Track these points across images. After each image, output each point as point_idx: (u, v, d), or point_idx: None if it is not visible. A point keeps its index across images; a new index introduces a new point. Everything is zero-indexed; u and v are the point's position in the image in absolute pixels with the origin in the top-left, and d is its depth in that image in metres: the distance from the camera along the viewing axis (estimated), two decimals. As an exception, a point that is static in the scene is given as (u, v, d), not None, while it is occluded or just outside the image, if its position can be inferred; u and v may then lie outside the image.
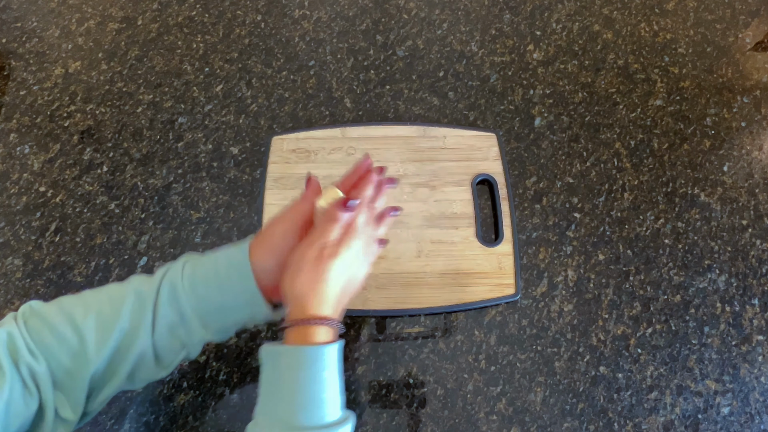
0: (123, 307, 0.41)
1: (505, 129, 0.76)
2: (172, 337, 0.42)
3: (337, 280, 0.42)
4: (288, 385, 0.39)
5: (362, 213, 0.45)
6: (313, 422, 0.39)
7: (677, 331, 0.64)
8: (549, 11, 0.86)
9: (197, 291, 0.42)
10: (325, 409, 0.39)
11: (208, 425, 0.58)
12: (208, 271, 0.43)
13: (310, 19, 0.85)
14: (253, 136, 0.75)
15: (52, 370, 0.38)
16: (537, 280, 0.66)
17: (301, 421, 0.38)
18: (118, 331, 0.40)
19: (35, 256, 0.67)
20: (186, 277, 0.43)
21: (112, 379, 0.41)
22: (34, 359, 0.37)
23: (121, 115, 0.77)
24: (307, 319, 0.40)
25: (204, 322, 0.43)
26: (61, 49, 0.82)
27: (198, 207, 0.70)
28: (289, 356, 0.40)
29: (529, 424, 0.59)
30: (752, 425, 0.60)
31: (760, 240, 0.69)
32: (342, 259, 0.42)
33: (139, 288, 0.42)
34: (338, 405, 0.41)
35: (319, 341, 0.40)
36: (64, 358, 0.39)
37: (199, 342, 0.44)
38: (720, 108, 0.78)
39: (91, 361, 0.39)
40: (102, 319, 0.40)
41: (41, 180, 0.72)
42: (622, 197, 0.71)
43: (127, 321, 0.41)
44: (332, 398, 0.40)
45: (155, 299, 0.42)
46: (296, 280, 0.41)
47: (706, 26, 0.84)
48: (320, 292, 0.41)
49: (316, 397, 0.39)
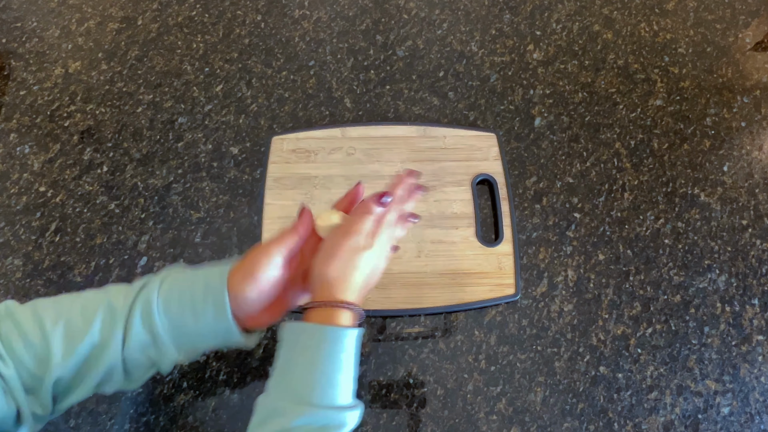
0: (94, 320, 0.40)
1: (505, 129, 0.76)
2: (143, 355, 0.42)
3: (365, 269, 0.44)
4: (305, 361, 0.40)
5: (393, 210, 0.47)
6: (325, 401, 0.39)
7: (677, 331, 0.64)
8: (549, 11, 0.86)
9: (171, 313, 0.42)
10: (337, 390, 0.40)
11: (208, 425, 0.58)
12: (183, 294, 0.42)
13: (310, 19, 0.85)
14: (253, 136, 0.75)
15: (20, 373, 0.38)
16: (537, 280, 0.66)
17: (312, 398, 0.39)
18: (87, 343, 0.40)
19: (35, 256, 0.67)
20: (162, 298, 0.42)
21: (79, 388, 0.41)
22: (4, 364, 0.37)
23: (121, 115, 0.77)
24: (335, 302, 0.42)
25: (177, 345, 0.42)
26: (61, 49, 0.82)
27: (198, 207, 0.70)
28: (311, 333, 0.41)
29: (529, 424, 0.59)
30: (752, 425, 0.60)
31: (760, 240, 0.69)
32: (373, 251, 0.44)
33: (113, 302, 0.42)
34: (350, 391, 0.41)
35: (342, 324, 0.41)
36: (29, 363, 0.39)
37: (171, 362, 0.43)
38: (720, 108, 0.78)
39: (55, 369, 0.39)
40: (71, 329, 0.40)
41: (41, 180, 0.72)
42: (622, 197, 0.71)
43: (97, 334, 0.40)
44: (346, 382, 0.41)
45: (127, 315, 0.41)
46: (330, 265, 0.43)
47: (706, 26, 0.84)
48: (350, 279, 0.43)
49: (331, 377, 0.40)
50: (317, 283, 0.43)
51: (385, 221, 0.46)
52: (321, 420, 0.38)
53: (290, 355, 0.41)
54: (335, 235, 0.45)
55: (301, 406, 0.39)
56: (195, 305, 0.42)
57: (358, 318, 0.44)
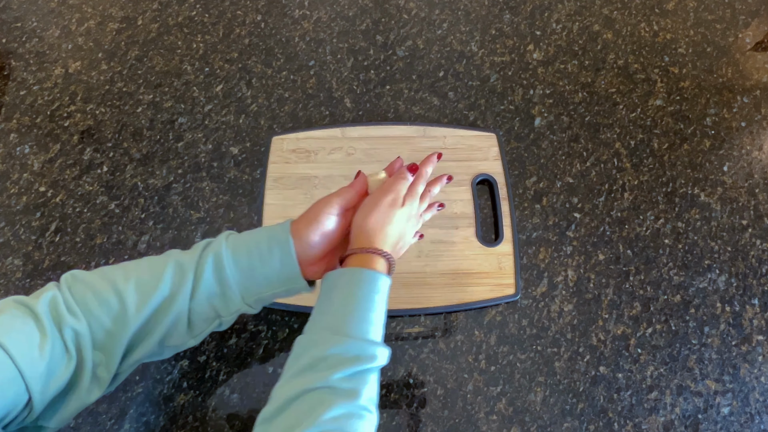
0: (164, 274, 0.43)
1: (505, 129, 0.76)
2: (209, 307, 0.45)
3: (398, 226, 0.49)
4: (342, 299, 0.44)
5: (421, 183, 0.52)
6: (359, 333, 0.42)
7: (677, 331, 0.64)
8: (549, 11, 0.86)
9: (240, 263, 0.45)
10: (371, 327, 0.43)
11: (208, 425, 0.58)
12: (249, 245, 0.46)
13: (310, 19, 0.85)
14: (253, 136, 0.75)
15: (93, 330, 0.41)
16: (537, 280, 0.66)
17: (348, 329, 0.42)
18: (158, 296, 0.43)
19: (35, 256, 0.67)
20: (230, 250, 0.45)
21: (145, 341, 0.43)
22: (76, 320, 0.40)
23: (121, 115, 0.77)
24: (372, 249, 0.46)
25: (243, 294, 0.46)
26: (61, 49, 0.82)
27: (198, 207, 0.70)
28: (349, 275, 0.45)
29: (529, 424, 0.59)
30: (752, 425, 0.60)
31: (760, 240, 0.69)
32: (405, 211, 0.50)
33: (179, 258, 0.45)
34: (380, 333, 0.44)
35: (378, 269, 0.46)
36: (105, 320, 0.41)
37: (235, 313, 0.47)
38: (720, 108, 0.78)
39: (131, 324, 0.42)
40: (142, 285, 0.43)
41: (41, 180, 0.72)
42: (622, 197, 0.71)
43: (167, 287, 0.43)
44: (378, 322, 0.44)
45: (196, 268, 0.44)
46: (370, 217, 0.48)
47: (706, 26, 0.84)
48: (387, 231, 0.48)
49: (365, 314, 0.43)
50: (357, 232, 0.48)
51: (415, 190, 0.51)
52: (354, 350, 0.41)
53: (329, 295, 0.45)
54: (375, 194, 0.50)
55: (336, 336, 0.42)
56: (262, 252, 0.46)
57: (391, 268, 0.48)
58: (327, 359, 0.40)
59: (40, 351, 0.37)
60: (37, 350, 0.37)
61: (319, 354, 0.41)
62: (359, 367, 0.40)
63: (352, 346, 0.41)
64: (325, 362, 0.40)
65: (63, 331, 0.39)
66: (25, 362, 0.36)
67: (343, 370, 0.40)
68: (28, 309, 0.38)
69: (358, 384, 0.40)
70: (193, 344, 0.47)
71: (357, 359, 0.40)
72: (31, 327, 0.38)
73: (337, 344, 0.41)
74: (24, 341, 0.36)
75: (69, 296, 0.41)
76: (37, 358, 0.36)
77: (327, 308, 0.44)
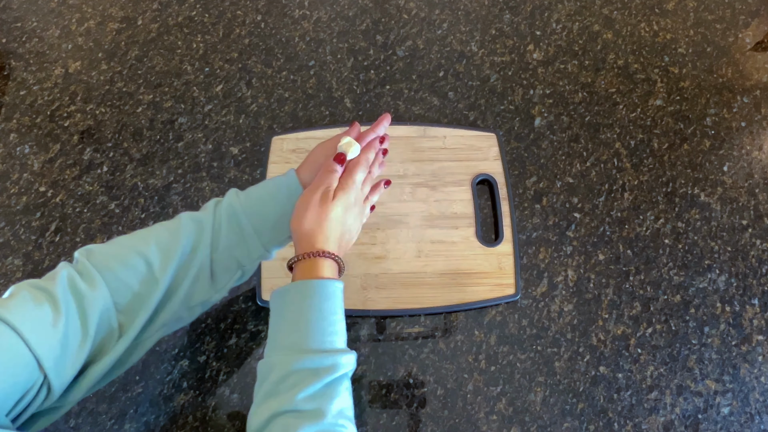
0: (182, 232, 0.44)
1: (505, 129, 0.76)
2: (230, 257, 0.46)
3: (338, 221, 0.46)
4: (295, 314, 0.42)
5: (360, 170, 0.49)
6: (317, 346, 0.41)
7: (677, 331, 0.64)
8: (549, 11, 0.86)
9: (254, 209, 0.47)
10: (328, 337, 0.42)
11: (208, 425, 0.58)
12: (260, 192, 0.48)
13: (310, 19, 0.85)
14: (253, 136, 0.75)
15: (117, 296, 0.41)
16: (537, 280, 0.66)
17: (305, 344, 0.41)
18: (181, 252, 0.43)
19: (35, 256, 0.67)
20: (242, 200, 0.47)
21: (171, 300, 0.43)
22: (94, 289, 0.39)
23: (121, 115, 0.77)
24: (315, 252, 0.44)
25: (262, 238, 0.47)
26: (61, 49, 0.82)
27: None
28: (298, 288, 0.43)
29: (529, 424, 0.59)
30: (752, 425, 0.60)
31: (760, 240, 0.69)
32: (341, 203, 0.46)
33: (194, 216, 0.46)
34: (342, 339, 0.43)
35: (325, 276, 0.44)
36: (133, 282, 0.41)
37: (257, 259, 0.48)
38: (720, 108, 0.78)
39: (160, 283, 0.42)
40: (163, 244, 0.43)
41: (41, 180, 0.72)
42: (622, 197, 0.71)
43: (189, 243, 0.44)
44: (337, 330, 0.42)
45: (213, 221, 0.46)
46: (303, 219, 0.45)
47: (706, 26, 0.84)
48: (325, 229, 0.45)
49: (320, 324, 0.42)
50: (296, 237, 0.46)
51: (353, 179, 0.48)
52: (315, 363, 0.40)
53: (281, 314, 0.43)
54: (305, 193, 0.47)
55: (295, 354, 0.40)
56: (272, 196, 0.48)
57: (341, 269, 0.46)
58: (288, 379, 0.39)
59: (54, 330, 0.36)
60: (50, 329, 0.36)
61: (280, 375, 0.40)
62: (324, 380, 0.39)
63: (312, 360, 0.40)
64: (286, 382, 0.39)
65: (87, 308, 0.38)
66: (39, 344, 0.35)
67: (306, 389, 0.38)
68: (43, 291, 0.38)
69: (324, 400, 0.39)
70: (217, 299, 0.47)
71: (319, 372, 0.39)
72: (45, 307, 0.37)
73: (296, 361, 0.40)
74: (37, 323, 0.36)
75: (87, 265, 0.40)
76: (50, 339, 0.36)
77: (281, 326, 0.43)
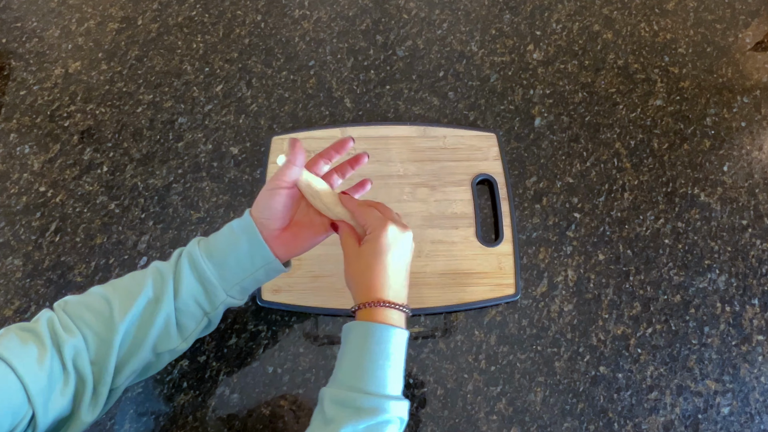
0: (145, 280, 0.45)
1: (505, 129, 0.76)
2: (194, 304, 0.47)
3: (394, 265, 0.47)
4: (355, 352, 0.44)
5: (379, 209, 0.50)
6: (376, 390, 0.42)
7: (677, 331, 0.64)
8: (549, 11, 0.86)
9: (213, 256, 0.47)
10: (387, 380, 0.43)
11: (208, 425, 0.58)
12: (218, 238, 0.48)
13: (310, 19, 0.85)
14: (253, 136, 0.75)
15: (88, 342, 0.42)
16: (537, 280, 0.66)
17: (357, 383, 0.43)
18: (142, 299, 0.44)
19: (35, 256, 0.67)
20: (202, 248, 0.47)
21: (139, 349, 0.44)
22: (72, 336, 0.41)
23: (121, 115, 0.77)
24: (370, 302, 0.46)
25: (223, 284, 0.47)
26: (61, 49, 0.82)
27: (198, 207, 0.70)
28: (359, 328, 0.45)
29: (529, 424, 0.59)
30: (752, 425, 0.60)
31: (760, 240, 0.69)
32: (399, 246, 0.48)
33: (158, 266, 0.47)
34: (398, 386, 0.44)
35: (388, 321, 0.45)
36: (97, 326, 0.43)
37: (221, 306, 0.48)
38: (720, 108, 0.78)
39: (117, 326, 0.43)
40: (127, 291, 0.45)
41: (41, 180, 0.72)
42: (622, 197, 0.71)
43: (150, 290, 0.45)
44: (392, 377, 0.44)
45: (175, 269, 0.46)
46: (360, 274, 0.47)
47: (706, 26, 0.84)
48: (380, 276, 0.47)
49: (373, 366, 0.43)
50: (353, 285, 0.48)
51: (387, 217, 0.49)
52: (357, 402, 0.42)
53: (343, 348, 0.46)
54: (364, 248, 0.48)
55: (342, 389, 0.43)
56: (229, 240, 0.48)
57: (404, 315, 0.47)
58: (333, 412, 0.41)
59: (40, 365, 0.38)
60: (37, 365, 0.38)
61: (327, 406, 0.42)
62: (365, 421, 0.41)
63: (355, 399, 0.42)
64: (330, 414, 0.41)
65: (62, 348, 0.40)
66: (28, 376, 0.37)
67: (346, 426, 0.40)
68: (29, 332, 0.40)
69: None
70: (184, 348, 0.48)
71: (360, 413, 0.41)
72: (31, 344, 0.39)
73: (343, 397, 0.42)
74: (25, 357, 0.38)
75: (64, 315, 0.43)
76: (37, 372, 0.38)
77: (342, 360, 0.45)
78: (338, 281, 0.64)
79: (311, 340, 0.63)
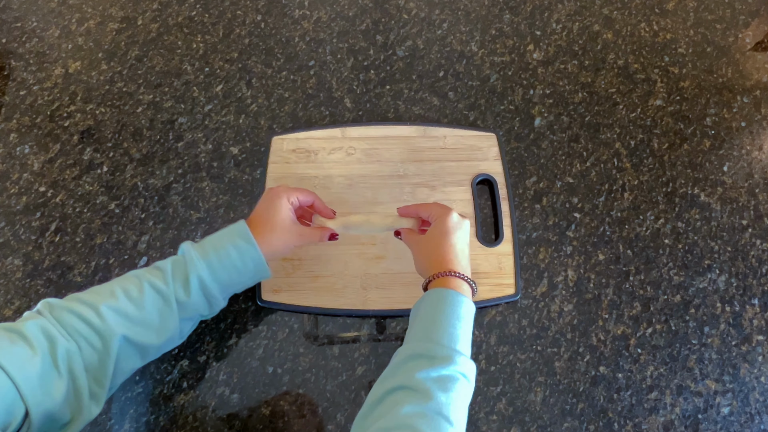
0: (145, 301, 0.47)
1: (505, 129, 0.76)
2: (198, 316, 0.52)
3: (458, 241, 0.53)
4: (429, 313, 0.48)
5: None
6: (442, 340, 0.45)
7: (677, 331, 0.64)
8: (549, 11, 0.86)
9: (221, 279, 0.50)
10: (458, 338, 0.46)
11: (208, 425, 0.58)
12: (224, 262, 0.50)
13: (310, 19, 0.85)
14: (253, 136, 0.75)
15: (83, 351, 0.43)
16: (537, 280, 0.66)
17: (431, 335, 0.45)
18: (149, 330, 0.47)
19: (35, 256, 0.67)
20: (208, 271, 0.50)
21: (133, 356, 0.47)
22: (66, 340, 0.42)
23: (121, 115, 0.77)
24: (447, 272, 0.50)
25: (225, 297, 0.53)
26: (61, 49, 0.82)
27: (198, 207, 0.70)
28: (432, 295, 0.49)
29: (529, 424, 0.59)
30: (752, 425, 0.60)
31: (760, 240, 0.69)
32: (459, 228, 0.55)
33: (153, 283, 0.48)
34: (466, 347, 0.47)
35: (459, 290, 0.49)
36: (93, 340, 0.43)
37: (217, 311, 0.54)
38: (720, 108, 0.78)
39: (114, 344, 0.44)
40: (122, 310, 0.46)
41: (41, 180, 0.72)
42: (622, 197, 0.71)
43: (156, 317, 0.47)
44: (463, 337, 0.46)
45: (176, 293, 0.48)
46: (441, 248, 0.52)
47: (706, 26, 0.84)
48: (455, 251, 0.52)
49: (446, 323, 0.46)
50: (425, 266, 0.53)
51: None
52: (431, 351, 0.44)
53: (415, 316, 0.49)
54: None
55: (417, 342, 0.46)
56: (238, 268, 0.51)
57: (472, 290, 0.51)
58: (408, 362, 0.44)
59: (31, 365, 0.39)
60: (29, 364, 0.39)
61: (402, 358, 0.45)
62: (438, 369, 0.43)
63: (429, 348, 0.44)
64: (406, 365, 0.44)
65: (56, 350, 0.41)
66: (19, 375, 0.38)
67: (421, 371, 0.42)
68: (15, 333, 0.41)
69: (435, 387, 0.42)
70: (179, 342, 0.52)
71: (434, 361, 0.43)
72: (21, 345, 0.40)
73: (417, 348, 0.45)
74: (14, 355, 0.38)
75: (53, 320, 0.43)
76: (29, 371, 0.38)
77: (414, 324, 0.48)
78: (338, 281, 0.64)
79: (311, 340, 0.63)
